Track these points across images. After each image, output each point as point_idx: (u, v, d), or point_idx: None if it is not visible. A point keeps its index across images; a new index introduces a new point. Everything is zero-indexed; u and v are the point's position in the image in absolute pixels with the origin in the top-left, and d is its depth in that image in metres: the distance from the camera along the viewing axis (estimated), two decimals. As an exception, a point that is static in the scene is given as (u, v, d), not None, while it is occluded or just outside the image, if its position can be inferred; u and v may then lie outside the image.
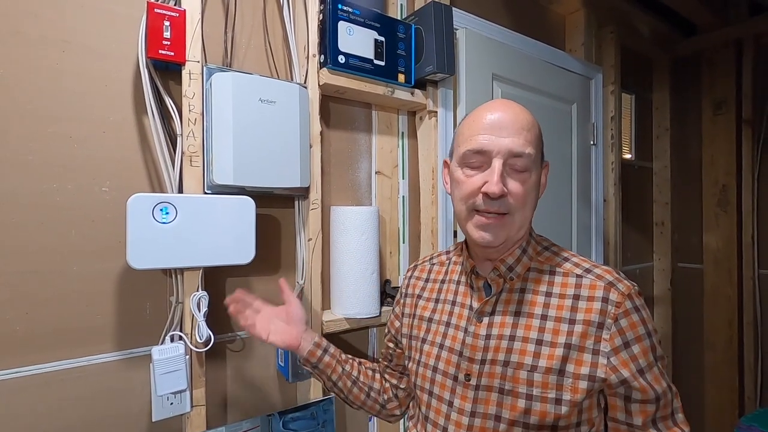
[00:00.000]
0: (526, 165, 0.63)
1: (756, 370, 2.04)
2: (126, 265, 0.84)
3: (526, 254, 0.69)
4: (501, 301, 0.68)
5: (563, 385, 0.60)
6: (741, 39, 2.06)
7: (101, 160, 0.83)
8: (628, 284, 0.63)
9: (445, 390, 0.69)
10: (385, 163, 1.23)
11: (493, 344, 0.65)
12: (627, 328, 0.60)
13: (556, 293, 0.65)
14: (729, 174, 2.10)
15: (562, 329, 0.62)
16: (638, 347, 0.60)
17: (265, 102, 0.91)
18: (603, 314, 0.61)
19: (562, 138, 1.63)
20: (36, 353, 0.77)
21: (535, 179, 0.66)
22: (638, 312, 0.61)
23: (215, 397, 0.95)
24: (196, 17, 0.86)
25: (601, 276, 0.64)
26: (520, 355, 0.63)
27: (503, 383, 0.63)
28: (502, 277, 0.68)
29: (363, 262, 1.04)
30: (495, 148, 0.62)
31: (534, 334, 0.63)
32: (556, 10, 1.77)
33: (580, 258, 0.69)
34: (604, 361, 0.60)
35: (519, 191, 0.63)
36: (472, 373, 0.66)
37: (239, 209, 0.88)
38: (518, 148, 0.62)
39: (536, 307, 0.65)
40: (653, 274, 2.29)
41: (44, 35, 0.78)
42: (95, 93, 0.83)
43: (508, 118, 0.64)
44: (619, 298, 0.61)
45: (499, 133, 0.63)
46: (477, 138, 0.64)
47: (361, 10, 1.05)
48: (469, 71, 1.31)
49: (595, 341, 0.60)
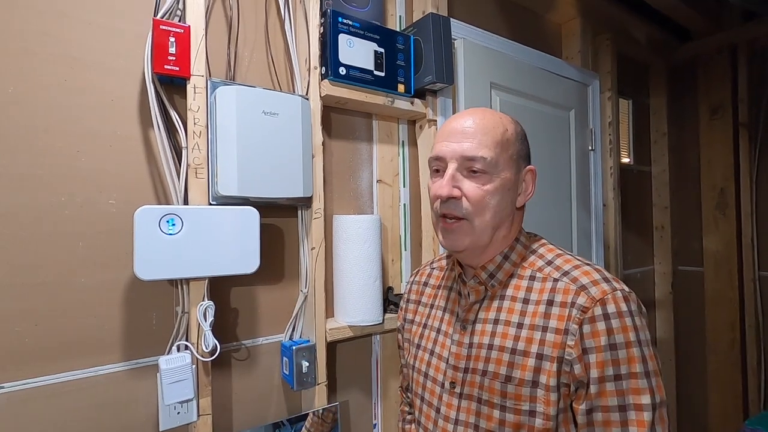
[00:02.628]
0: (483, 168, 0.63)
1: (759, 372, 2.04)
2: (132, 276, 0.85)
3: (508, 260, 0.68)
4: (482, 309, 0.67)
5: (537, 397, 0.58)
6: (735, 44, 2.08)
7: (108, 174, 0.85)
8: (605, 288, 0.58)
9: (434, 396, 0.70)
10: (386, 172, 1.25)
11: (474, 353, 0.65)
12: (588, 335, 0.56)
13: (533, 300, 0.63)
14: (727, 177, 2.11)
15: (535, 338, 0.60)
16: (595, 357, 0.55)
17: (268, 114, 0.93)
18: (569, 320, 0.58)
19: (560, 144, 1.65)
20: (44, 364, 0.78)
21: (500, 184, 0.64)
22: (607, 320, 0.56)
23: (221, 405, 0.96)
24: (200, 33, 0.88)
25: (576, 279, 0.61)
26: (496, 365, 0.62)
27: (481, 393, 0.63)
28: (482, 285, 0.68)
29: (366, 269, 1.05)
30: (449, 154, 0.64)
31: (510, 343, 0.62)
32: (552, 19, 1.80)
33: (566, 258, 0.66)
34: (567, 369, 0.57)
35: (474, 193, 0.63)
36: (457, 381, 0.66)
37: (244, 220, 0.89)
38: (471, 152, 0.63)
39: (513, 314, 0.64)
40: (654, 277, 2.30)
41: (53, 52, 0.80)
42: (102, 108, 0.84)
43: (468, 124, 0.65)
44: (587, 302, 0.57)
45: (455, 139, 0.64)
46: (437, 145, 0.67)
47: (360, 23, 1.08)
48: (467, 80, 1.33)
49: (561, 349, 0.58)
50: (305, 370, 0.97)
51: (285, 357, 1.01)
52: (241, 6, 1.01)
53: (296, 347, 0.97)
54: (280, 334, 1.05)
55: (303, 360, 0.98)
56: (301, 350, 0.98)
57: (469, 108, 0.71)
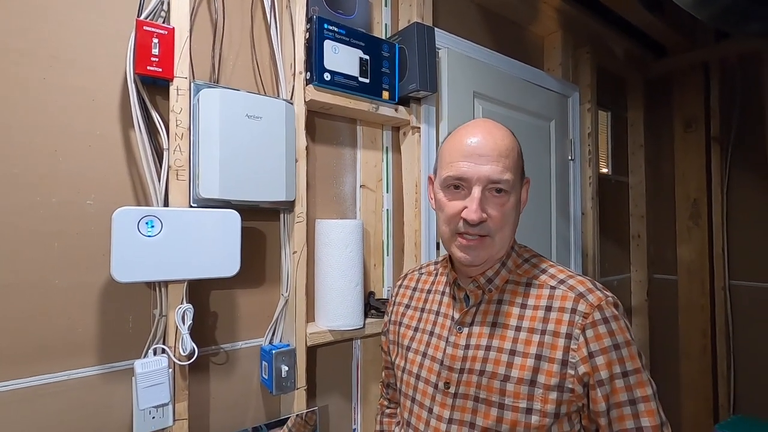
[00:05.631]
0: (505, 189, 0.65)
1: (729, 378, 2.11)
2: (109, 278, 0.84)
3: (505, 267, 0.71)
4: (480, 312, 0.70)
5: (534, 395, 0.61)
6: (708, 61, 2.17)
7: (87, 174, 0.83)
8: (600, 295, 0.64)
9: (426, 397, 0.71)
10: (369, 177, 1.26)
11: (471, 354, 0.68)
12: (592, 339, 0.61)
13: (531, 305, 0.67)
14: (700, 189, 2.19)
15: (534, 340, 0.64)
16: (602, 358, 0.60)
17: (251, 118, 0.93)
18: (571, 325, 0.62)
19: (541, 153, 1.69)
20: (15, 368, 0.76)
21: (515, 200, 0.68)
22: (607, 323, 0.62)
23: (198, 410, 0.95)
24: (184, 35, 0.88)
25: (573, 287, 0.66)
26: (495, 365, 0.65)
27: (478, 392, 0.65)
28: (480, 289, 0.71)
29: (347, 274, 1.06)
30: (474, 176, 0.64)
31: (508, 344, 0.65)
32: (534, 31, 1.85)
33: (558, 269, 0.71)
34: (572, 372, 0.61)
35: (498, 215, 0.66)
36: (451, 382, 0.68)
37: (225, 222, 0.89)
38: (496, 175, 0.64)
39: (512, 318, 0.67)
40: (631, 285, 2.36)
41: (32, 51, 0.79)
42: (82, 107, 0.83)
43: (488, 145, 0.65)
44: (587, 309, 0.62)
45: (478, 161, 0.64)
46: (457, 164, 0.66)
47: (346, 30, 1.09)
48: (451, 89, 1.35)
49: (564, 352, 0.61)
50: (285, 375, 0.97)
51: (264, 361, 1.01)
52: (226, 9, 1.01)
53: (276, 351, 0.97)
54: (259, 338, 1.05)
55: (282, 364, 0.97)
56: (281, 354, 0.98)
57: (477, 120, 0.71)
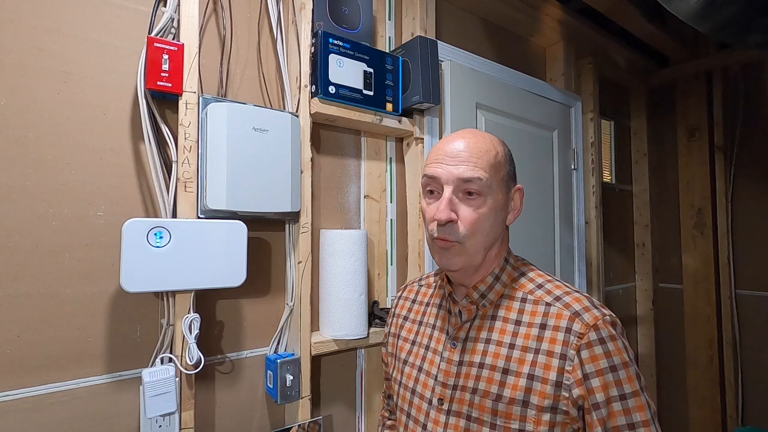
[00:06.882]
0: (479, 189, 0.64)
1: (737, 388, 2.09)
2: (117, 288, 0.86)
3: (499, 281, 0.69)
4: (474, 328, 0.69)
5: (527, 416, 0.60)
6: (710, 71, 2.18)
7: (97, 186, 0.86)
8: (597, 314, 0.61)
9: (420, 413, 0.70)
10: (373, 188, 1.27)
11: (464, 371, 0.66)
12: (587, 360, 0.58)
13: (525, 321, 0.65)
14: (704, 197, 2.19)
15: (527, 359, 0.62)
16: (598, 380, 0.58)
17: (258, 130, 0.95)
18: (566, 345, 0.60)
19: (544, 163, 1.70)
20: (25, 376, 0.78)
21: (493, 204, 0.66)
22: (603, 344, 0.59)
23: (204, 419, 0.96)
24: (193, 51, 0.91)
25: (568, 305, 0.63)
26: (487, 383, 0.63)
27: (471, 410, 0.64)
28: (474, 304, 0.69)
29: (352, 284, 1.07)
30: (445, 176, 0.65)
31: (501, 362, 0.63)
32: (536, 42, 1.87)
33: (555, 284, 0.68)
34: (566, 394, 0.59)
35: (469, 217, 0.64)
36: (445, 398, 0.67)
37: (231, 233, 0.91)
38: (467, 173, 0.63)
39: (505, 335, 0.65)
40: (636, 294, 2.35)
41: (46, 67, 0.81)
42: (94, 121, 0.86)
43: (462, 147, 0.66)
44: (582, 329, 0.60)
45: (450, 162, 0.65)
46: (431, 167, 0.67)
47: (350, 44, 1.11)
48: (453, 100, 1.37)
49: (558, 373, 0.59)
50: (289, 384, 0.98)
51: (269, 370, 1.01)
52: (234, 25, 1.04)
53: (281, 360, 0.98)
54: (265, 348, 1.06)
55: (287, 373, 0.98)
56: (286, 363, 0.98)
57: (459, 130, 0.72)
